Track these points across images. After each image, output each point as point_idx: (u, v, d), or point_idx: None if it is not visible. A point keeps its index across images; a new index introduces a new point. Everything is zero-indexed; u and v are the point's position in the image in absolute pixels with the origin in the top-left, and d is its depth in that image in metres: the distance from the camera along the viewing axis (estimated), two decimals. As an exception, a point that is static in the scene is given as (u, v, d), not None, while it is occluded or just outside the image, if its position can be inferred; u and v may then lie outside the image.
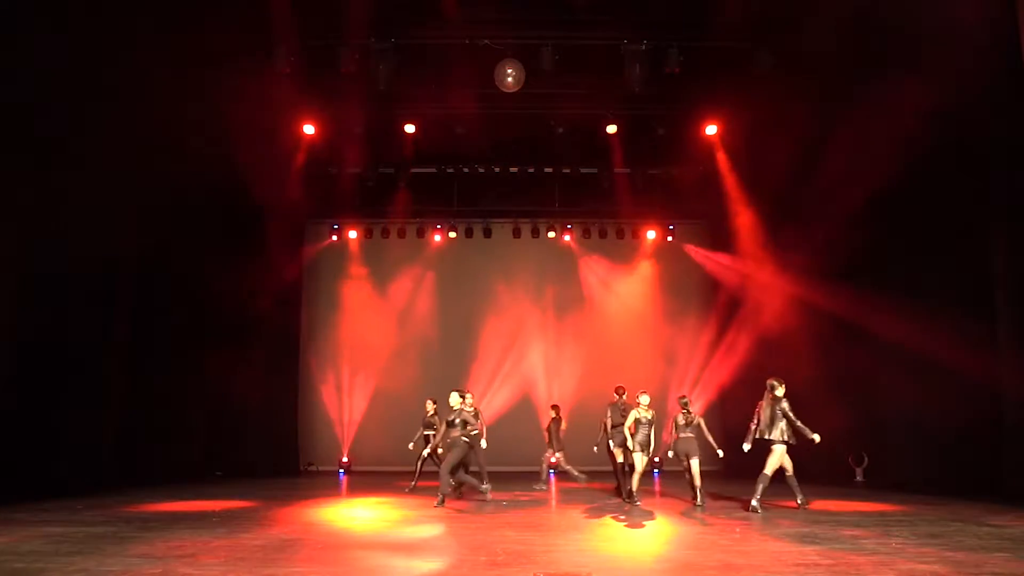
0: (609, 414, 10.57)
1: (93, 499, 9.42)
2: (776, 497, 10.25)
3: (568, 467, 11.84)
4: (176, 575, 5.21)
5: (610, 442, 10.43)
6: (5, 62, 8.96)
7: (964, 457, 10.87)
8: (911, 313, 11.00)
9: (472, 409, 10.29)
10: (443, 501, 9.20)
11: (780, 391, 8.95)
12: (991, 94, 9.52)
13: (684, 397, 10.03)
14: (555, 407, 12.41)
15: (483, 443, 10.67)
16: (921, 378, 11.45)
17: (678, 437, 9.58)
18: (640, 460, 9.42)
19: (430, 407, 11.57)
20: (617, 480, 10.68)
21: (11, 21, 8.84)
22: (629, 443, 9.54)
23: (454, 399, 9.85)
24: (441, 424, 10.20)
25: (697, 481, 9.45)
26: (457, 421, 9.60)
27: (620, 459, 10.30)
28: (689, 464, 9.49)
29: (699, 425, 9.67)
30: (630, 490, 9.59)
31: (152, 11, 9.61)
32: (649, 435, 9.46)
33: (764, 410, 8.99)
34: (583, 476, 11.71)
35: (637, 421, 9.46)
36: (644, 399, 9.53)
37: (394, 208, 15.38)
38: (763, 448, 9.01)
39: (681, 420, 9.60)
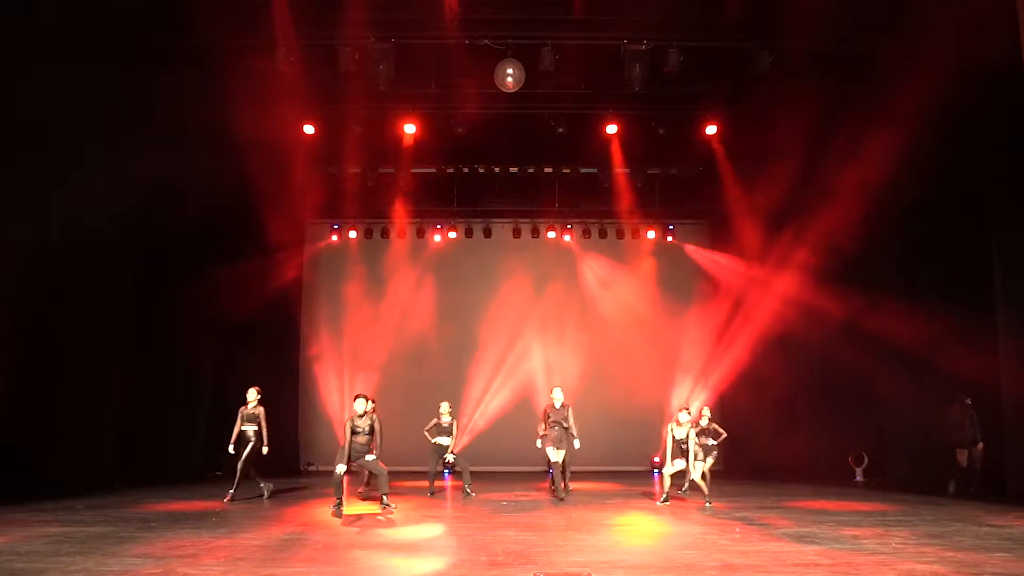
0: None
1: (93, 499, 9.43)
2: (782, 497, 10.26)
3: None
4: (176, 575, 5.22)
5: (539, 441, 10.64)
6: (6, 63, 8.98)
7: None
8: (911, 313, 11.01)
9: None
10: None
11: (968, 401, 10.74)
12: (992, 93, 9.53)
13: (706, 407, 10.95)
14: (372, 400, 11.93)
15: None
16: (921, 378, 11.47)
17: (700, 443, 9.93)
18: (697, 468, 9.56)
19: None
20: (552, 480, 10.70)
21: (10, 20, 8.84)
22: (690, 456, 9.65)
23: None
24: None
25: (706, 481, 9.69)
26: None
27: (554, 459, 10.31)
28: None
29: (715, 430, 10.50)
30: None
31: (152, 11, 9.61)
32: (684, 448, 9.63)
33: (957, 416, 10.72)
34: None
35: (673, 438, 9.69)
36: (683, 416, 9.72)
37: (394, 208, 15.38)
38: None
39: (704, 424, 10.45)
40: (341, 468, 8.73)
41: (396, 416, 14.67)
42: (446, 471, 13.94)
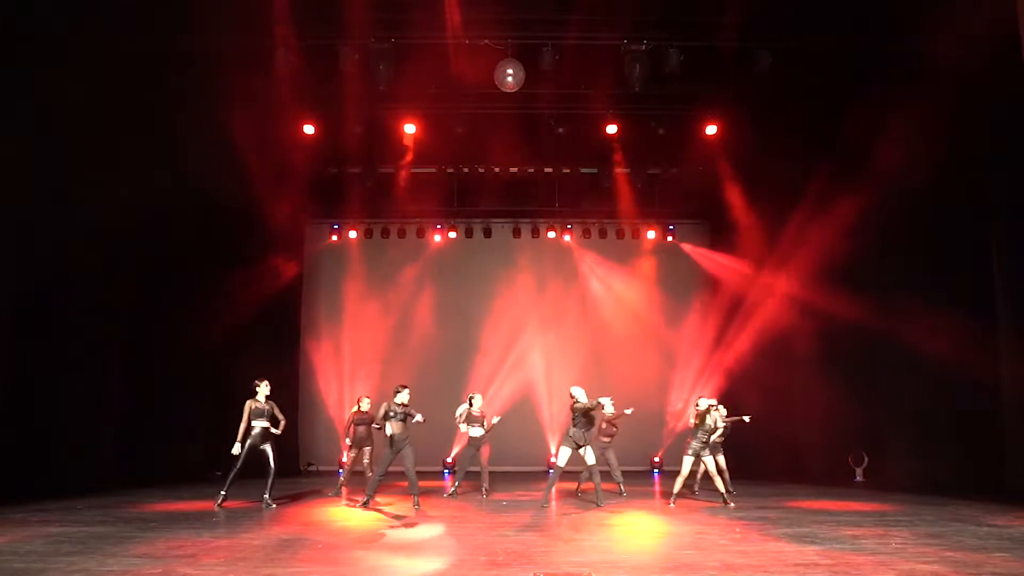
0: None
1: (93, 499, 9.43)
2: (782, 497, 10.26)
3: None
4: (176, 575, 5.22)
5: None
6: (6, 63, 8.97)
7: (964, 457, 10.87)
8: (911, 313, 11.00)
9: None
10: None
11: None
12: (992, 94, 9.52)
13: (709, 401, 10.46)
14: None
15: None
16: (921, 378, 11.46)
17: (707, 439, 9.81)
18: (689, 462, 9.59)
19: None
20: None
21: (10, 21, 8.84)
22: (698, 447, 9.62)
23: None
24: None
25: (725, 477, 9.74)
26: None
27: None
28: (716, 461, 9.74)
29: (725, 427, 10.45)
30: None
31: (152, 12, 9.61)
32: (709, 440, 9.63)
33: None
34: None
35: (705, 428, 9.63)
36: (715, 406, 9.82)
37: (394, 208, 15.38)
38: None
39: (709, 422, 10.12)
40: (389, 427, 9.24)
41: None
42: (446, 471, 13.94)
